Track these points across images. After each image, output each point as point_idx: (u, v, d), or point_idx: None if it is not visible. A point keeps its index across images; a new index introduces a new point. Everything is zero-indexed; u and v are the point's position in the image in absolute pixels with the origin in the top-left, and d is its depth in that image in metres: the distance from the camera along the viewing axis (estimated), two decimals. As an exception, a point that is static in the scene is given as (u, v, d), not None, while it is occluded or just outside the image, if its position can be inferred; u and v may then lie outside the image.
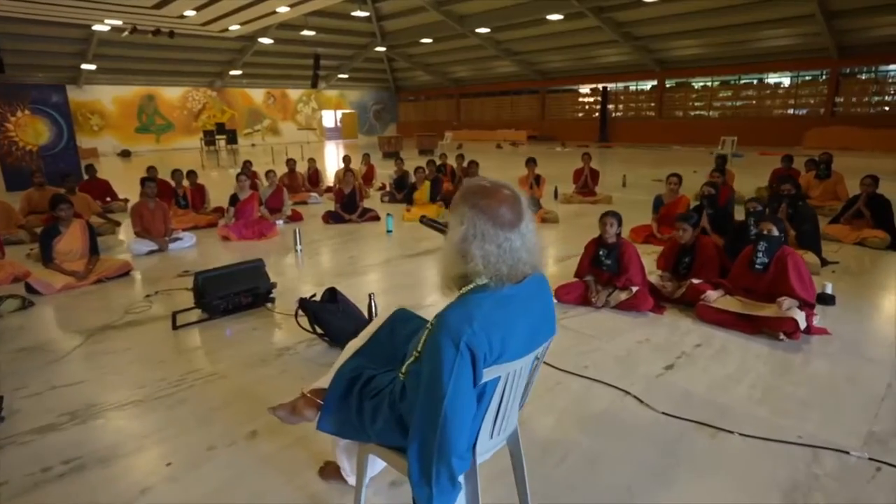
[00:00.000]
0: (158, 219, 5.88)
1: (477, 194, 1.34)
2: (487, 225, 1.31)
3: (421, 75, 31.76)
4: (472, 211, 1.33)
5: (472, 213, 1.32)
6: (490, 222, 1.31)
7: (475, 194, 1.34)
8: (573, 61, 24.96)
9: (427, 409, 1.29)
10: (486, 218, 1.31)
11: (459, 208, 1.35)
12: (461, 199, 1.36)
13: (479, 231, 1.31)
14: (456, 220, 1.35)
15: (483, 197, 1.33)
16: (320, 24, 22.03)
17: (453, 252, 1.38)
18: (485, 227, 1.31)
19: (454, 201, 1.40)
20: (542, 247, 1.41)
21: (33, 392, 2.84)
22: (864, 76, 18.84)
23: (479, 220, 1.32)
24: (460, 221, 1.34)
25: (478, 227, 1.31)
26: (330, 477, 2.10)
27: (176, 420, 2.55)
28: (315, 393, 1.80)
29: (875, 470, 2.13)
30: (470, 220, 1.32)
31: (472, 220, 1.32)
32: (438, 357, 1.27)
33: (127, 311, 4.04)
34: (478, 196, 1.34)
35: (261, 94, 29.18)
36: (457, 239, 1.35)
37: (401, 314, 1.92)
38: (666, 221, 5.86)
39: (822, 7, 15.98)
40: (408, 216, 7.27)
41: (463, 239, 1.33)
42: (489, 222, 1.31)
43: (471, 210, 1.33)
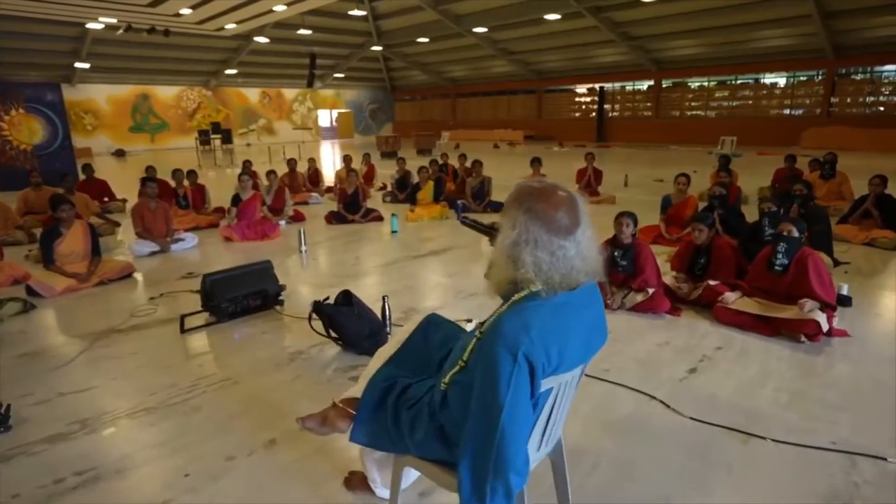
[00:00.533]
0: (160, 219, 5.78)
1: (532, 197, 1.27)
2: (541, 231, 1.24)
3: (417, 75, 31.67)
4: (525, 215, 1.26)
5: (526, 217, 1.25)
6: (544, 228, 1.24)
7: (530, 197, 1.27)
8: (570, 61, 24.97)
9: (482, 423, 1.22)
10: (541, 224, 1.24)
11: (512, 211, 1.28)
12: (515, 202, 1.29)
13: (532, 237, 1.25)
14: (508, 224, 1.29)
15: (538, 200, 1.26)
16: (317, 23, 21.89)
17: (503, 256, 1.32)
18: (538, 234, 1.24)
19: (507, 203, 1.33)
20: (599, 253, 1.33)
21: (40, 399, 2.75)
22: (860, 76, 18.93)
23: (532, 225, 1.25)
24: (512, 225, 1.27)
25: (531, 232, 1.25)
26: (356, 488, 2.02)
27: (191, 428, 2.47)
28: (347, 403, 1.73)
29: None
30: (523, 225, 1.25)
31: (525, 224, 1.25)
32: (494, 368, 1.20)
33: (132, 314, 3.95)
34: (533, 199, 1.27)
35: (256, 94, 29.00)
36: (507, 243, 1.28)
37: (433, 319, 1.85)
38: (674, 222, 5.82)
39: (818, 8, 16.05)
40: (412, 216, 7.20)
41: (514, 244, 1.27)
42: (543, 228, 1.24)
43: (524, 214, 1.26)
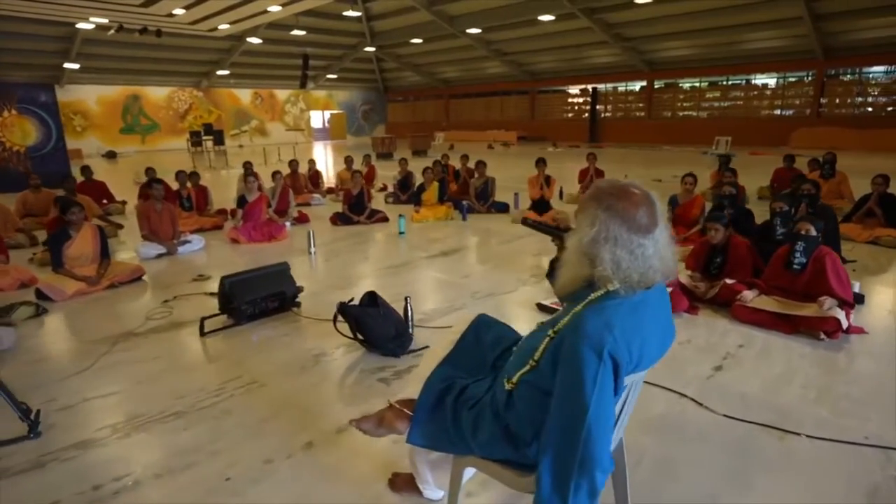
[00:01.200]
0: (166, 221, 5.72)
1: (612, 195, 1.28)
2: (622, 229, 1.25)
3: (410, 76, 31.65)
4: (606, 213, 1.26)
5: (606, 215, 1.26)
6: (624, 226, 1.25)
7: (610, 195, 1.28)
8: (563, 62, 25.08)
9: (566, 421, 1.23)
10: (621, 221, 1.25)
11: (591, 209, 1.29)
12: (594, 200, 1.30)
13: (612, 235, 1.25)
14: (586, 221, 1.29)
15: (618, 199, 1.27)
16: (310, 24, 21.80)
17: (579, 254, 1.32)
18: (618, 231, 1.25)
19: (584, 200, 1.33)
20: (675, 253, 1.34)
21: (65, 405, 2.71)
22: (849, 77, 19.22)
23: (612, 223, 1.25)
24: (591, 223, 1.28)
25: (611, 230, 1.25)
26: (402, 489, 2.02)
27: (224, 432, 2.45)
28: (403, 404, 1.72)
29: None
30: (603, 223, 1.26)
31: (605, 222, 1.26)
32: (579, 367, 1.20)
33: (147, 317, 3.90)
34: (613, 198, 1.27)
35: (248, 95, 28.81)
36: (586, 241, 1.28)
37: (483, 319, 1.86)
38: (681, 221, 5.87)
39: (809, 10, 16.27)
40: (417, 217, 7.19)
41: (593, 241, 1.27)
42: (623, 226, 1.25)
43: (605, 212, 1.26)
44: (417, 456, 1.85)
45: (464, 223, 7.19)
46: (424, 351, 3.23)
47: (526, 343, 1.55)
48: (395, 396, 1.79)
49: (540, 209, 7.09)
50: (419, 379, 2.84)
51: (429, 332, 3.51)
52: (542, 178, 7.14)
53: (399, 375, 2.96)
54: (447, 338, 1.85)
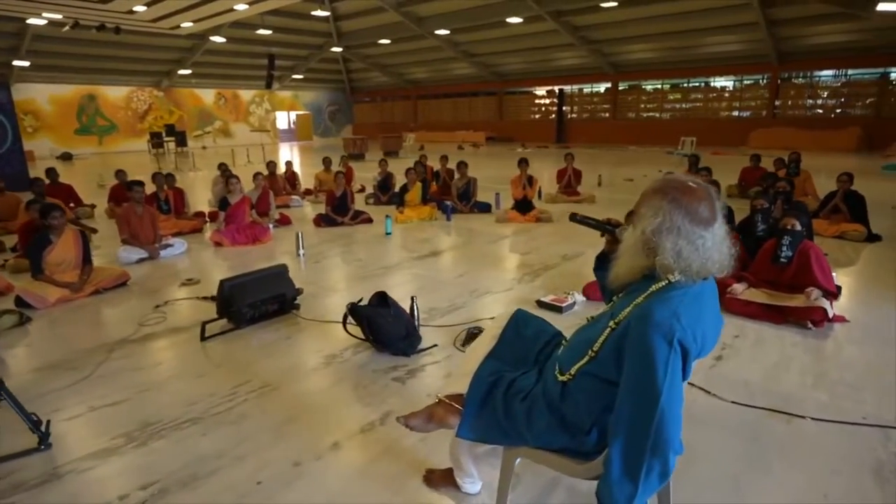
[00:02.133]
0: (147, 225, 5.54)
1: (677, 189, 1.34)
2: (685, 220, 1.31)
3: (377, 76, 31.48)
4: (670, 204, 1.32)
5: (671, 206, 1.32)
6: (688, 218, 1.31)
7: (675, 189, 1.34)
8: (530, 64, 25.43)
9: (638, 407, 1.28)
10: (684, 213, 1.31)
11: (656, 200, 1.34)
12: (658, 192, 1.35)
13: (676, 225, 1.31)
14: (649, 212, 1.35)
15: (682, 192, 1.33)
16: (276, 24, 21.42)
17: (638, 244, 1.38)
18: (681, 222, 1.31)
19: (648, 193, 1.38)
20: (730, 248, 1.38)
21: (72, 415, 2.61)
22: (801, 81, 20.17)
23: (676, 213, 1.31)
24: (654, 213, 1.33)
25: (674, 220, 1.31)
26: (439, 485, 2.04)
27: (245, 436, 2.41)
28: (452, 399, 1.74)
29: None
30: (667, 213, 1.32)
31: (669, 213, 1.32)
32: (651, 355, 1.26)
33: (141, 323, 3.79)
34: (677, 191, 1.34)
35: (211, 95, 28.06)
36: (649, 230, 1.34)
37: (521, 315, 1.90)
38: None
39: (764, 16, 17.00)
40: (401, 218, 7.18)
41: (656, 231, 1.33)
42: (687, 217, 1.31)
43: (669, 203, 1.32)
44: (461, 450, 1.88)
45: (448, 223, 7.22)
46: (434, 349, 3.26)
47: (580, 336, 1.59)
48: (442, 392, 1.80)
49: (523, 209, 7.19)
50: (434, 377, 2.89)
51: (433, 330, 3.53)
52: (524, 178, 7.24)
53: (413, 374, 2.97)
54: (489, 332, 1.88)
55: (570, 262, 5.19)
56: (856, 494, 2.00)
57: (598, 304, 4.00)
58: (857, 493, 2.00)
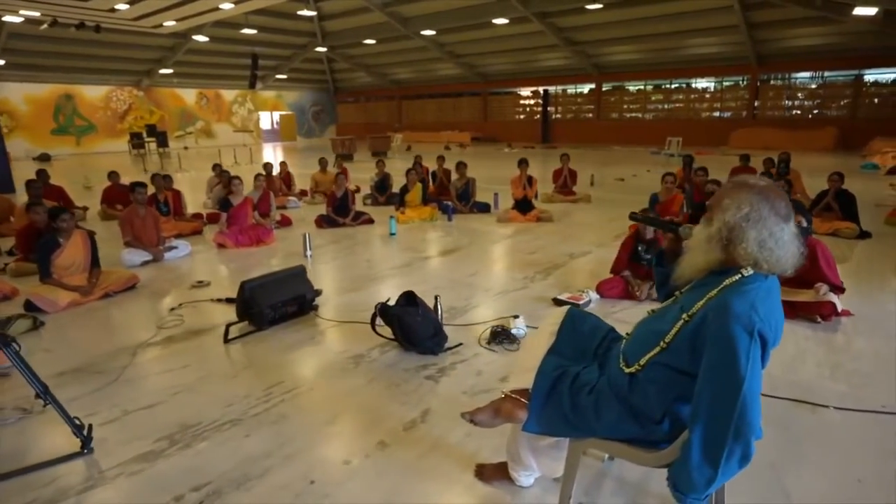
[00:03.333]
0: (150, 227, 5.47)
1: (758, 185, 1.41)
2: (770, 213, 1.38)
3: (361, 76, 31.37)
4: (756, 196, 1.39)
5: (757, 198, 1.38)
6: (773, 211, 1.38)
7: (755, 183, 1.41)
8: (515, 64, 25.62)
9: (721, 394, 1.34)
10: (770, 206, 1.38)
11: (741, 193, 1.40)
12: (743, 186, 1.42)
13: (762, 216, 1.38)
14: (734, 203, 1.40)
15: (765, 187, 1.41)
16: (261, 23, 21.22)
17: (714, 238, 1.44)
18: (766, 213, 1.38)
19: (731, 188, 1.44)
20: (799, 247, 1.44)
21: (108, 419, 2.59)
22: (779, 82, 20.71)
23: (762, 205, 1.38)
24: (740, 205, 1.39)
25: (761, 211, 1.38)
26: (491, 478, 2.08)
27: (290, 436, 2.42)
28: (517, 393, 1.79)
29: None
30: (754, 205, 1.38)
31: (756, 204, 1.38)
32: (732, 346, 1.32)
33: (159, 326, 3.75)
34: (760, 186, 1.41)
35: (192, 95, 27.62)
36: (733, 220, 1.39)
37: (574, 312, 1.95)
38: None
39: (745, 19, 17.42)
40: (402, 218, 7.19)
41: (742, 220, 1.39)
42: (772, 210, 1.38)
43: (756, 195, 1.39)
44: (521, 444, 1.92)
45: (450, 224, 7.26)
46: (459, 348, 3.31)
47: (645, 329, 1.65)
48: (507, 387, 1.84)
49: (524, 209, 7.27)
50: (465, 375, 2.94)
51: (455, 329, 3.56)
52: (524, 178, 7.32)
53: (444, 372, 3.01)
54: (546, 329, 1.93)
55: (577, 261, 5.27)
56: (887, 479, 2.10)
57: (612, 301, 4.09)
58: (889, 479, 2.10)
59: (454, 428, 2.46)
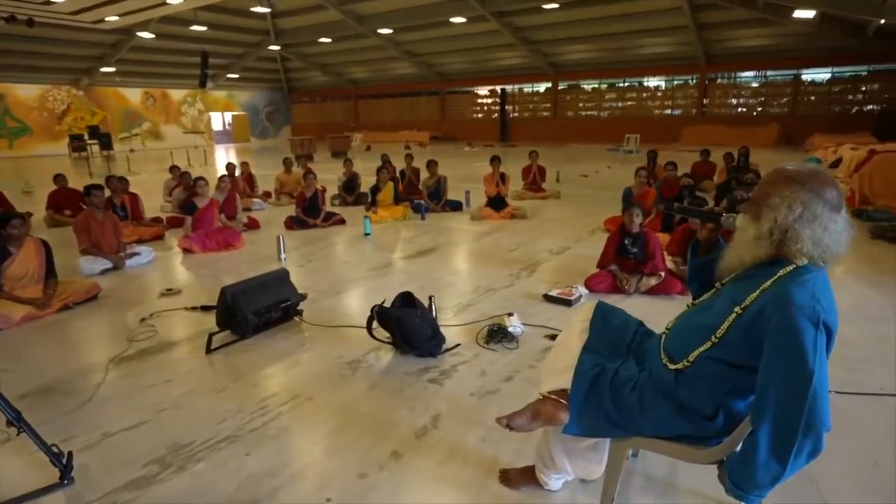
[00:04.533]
0: (109, 232, 5.10)
1: (810, 178, 1.36)
2: (824, 209, 1.33)
3: (317, 76, 30.73)
4: (809, 194, 1.34)
5: (810, 196, 1.34)
6: (826, 206, 1.33)
7: (809, 178, 1.36)
8: (472, 63, 25.69)
9: (790, 389, 1.29)
10: (823, 202, 1.34)
11: (793, 191, 1.35)
12: (794, 182, 1.36)
13: (816, 214, 1.34)
14: (784, 203, 1.35)
15: (817, 181, 1.35)
16: (211, 20, 20.42)
17: (765, 234, 1.39)
18: (820, 210, 1.33)
19: (777, 183, 1.39)
20: (850, 232, 1.39)
21: (88, 443, 2.35)
22: (726, 81, 21.60)
23: (816, 203, 1.34)
24: (791, 204, 1.34)
25: (814, 210, 1.33)
26: (519, 483, 2.00)
27: (294, 452, 2.26)
28: (556, 394, 1.70)
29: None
30: (807, 204, 1.34)
31: (809, 203, 1.34)
32: (799, 337, 1.28)
33: (130, 339, 3.47)
34: (813, 180, 1.35)
35: (138, 94, 26.31)
36: (787, 220, 1.35)
37: (602, 307, 1.88)
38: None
39: (694, 20, 18.06)
40: (375, 218, 7.01)
41: (796, 221, 1.34)
42: (826, 206, 1.33)
43: (808, 193, 1.34)
44: (555, 447, 1.84)
45: (423, 223, 7.15)
46: (458, 348, 3.21)
47: (688, 323, 1.60)
48: (542, 388, 1.75)
49: (497, 206, 7.24)
50: (469, 376, 2.84)
51: (449, 329, 3.46)
52: (497, 176, 7.29)
53: (447, 375, 2.90)
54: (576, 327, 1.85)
55: (558, 257, 5.27)
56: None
57: (601, 296, 4.08)
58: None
59: (468, 432, 2.36)
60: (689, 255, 1.79)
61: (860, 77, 19.45)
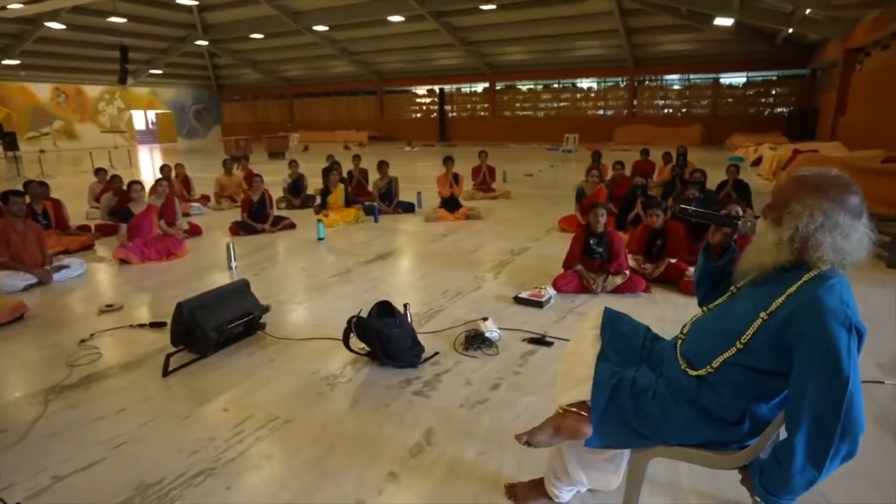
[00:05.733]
0: (32, 244, 4.59)
1: (833, 186, 1.35)
2: (846, 217, 1.33)
3: (248, 73, 29.51)
4: (831, 203, 1.34)
5: (832, 205, 1.34)
6: (849, 214, 1.34)
7: (832, 186, 1.35)
8: (410, 63, 25.56)
9: (826, 395, 1.28)
10: (845, 210, 1.34)
11: (815, 199, 1.34)
12: (817, 190, 1.35)
13: (836, 222, 1.34)
14: (806, 211, 1.34)
15: (840, 189, 1.35)
16: (131, 11, 19.07)
17: (785, 241, 1.39)
18: (843, 219, 1.34)
19: (800, 190, 1.38)
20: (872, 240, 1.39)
21: (35, 489, 2.05)
22: (654, 84, 22.72)
23: (837, 211, 1.34)
24: (813, 213, 1.34)
25: (836, 219, 1.33)
26: (527, 498, 1.92)
27: (281, 482, 2.08)
28: (576, 407, 1.64)
29: (909, 392, 2.67)
30: (829, 213, 1.33)
31: (830, 212, 1.34)
32: (833, 344, 1.28)
33: (69, 363, 3.11)
34: (836, 188, 1.35)
35: (47, 90, 24.18)
36: (809, 229, 1.34)
37: (610, 313, 1.85)
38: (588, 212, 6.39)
39: (623, 24, 18.85)
40: (327, 222, 6.76)
41: (817, 229, 1.34)
42: (848, 214, 1.34)
43: (831, 202, 1.34)
44: (570, 459, 1.77)
45: (376, 225, 6.97)
46: (437, 357, 3.11)
47: (708, 327, 1.59)
48: (560, 401, 1.69)
49: (451, 207, 7.18)
50: (455, 386, 2.75)
51: (424, 337, 3.35)
52: (450, 176, 7.23)
53: (431, 386, 2.80)
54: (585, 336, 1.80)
55: (520, 257, 5.27)
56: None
57: (570, 296, 4.11)
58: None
59: (465, 446, 2.27)
60: (701, 259, 1.78)
61: (771, 81, 21.06)
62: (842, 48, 14.01)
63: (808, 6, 12.57)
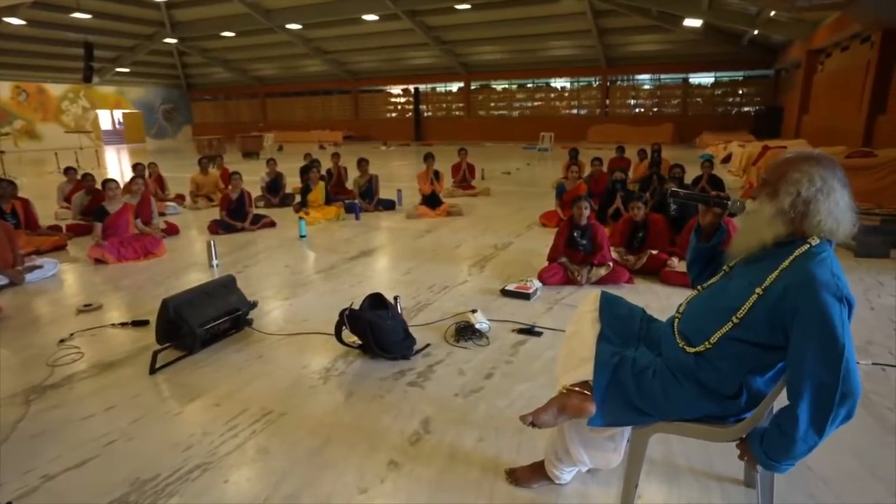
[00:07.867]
0: (2, 243, 4.43)
1: (818, 156, 1.44)
2: (839, 183, 1.41)
3: (219, 72, 28.95)
4: (825, 170, 1.41)
5: (826, 171, 1.41)
6: (840, 182, 1.42)
7: (818, 156, 1.44)
8: (385, 62, 25.47)
9: (825, 363, 1.34)
10: (838, 177, 1.42)
11: (808, 167, 1.41)
12: (809, 159, 1.43)
13: (833, 187, 1.41)
14: (804, 177, 1.41)
15: (826, 159, 1.44)
16: (96, 7, 18.52)
17: (787, 212, 1.45)
18: (834, 184, 1.41)
19: (792, 163, 1.45)
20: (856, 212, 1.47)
21: (24, 489, 1.99)
22: (626, 84, 23.14)
23: (832, 177, 1.41)
24: (810, 179, 1.41)
25: (831, 183, 1.41)
26: (529, 481, 1.96)
27: (281, 474, 2.06)
28: (578, 387, 1.67)
29: (881, 371, 2.79)
30: (824, 178, 1.40)
31: (825, 177, 1.41)
32: (827, 315, 1.34)
33: (50, 363, 3.02)
34: (824, 158, 1.44)
35: (7, 89, 23.30)
36: (806, 194, 1.41)
37: (607, 296, 1.89)
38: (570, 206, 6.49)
39: (596, 25, 19.15)
40: (308, 220, 6.69)
41: (815, 194, 1.41)
42: (840, 181, 1.42)
43: (825, 169, 1.41)
44: (572, 440, 1.81)
45: (358, 222, 6.94)
46: (429, 349, 3.12)
47: (703, 306, 1.63)
48: (562, 382, 1.72)
49: (432, 204, 7.19)
50: (449, 376, 2.78)
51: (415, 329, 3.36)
52: (431, 174, 7.24)
53: (425, 377, 2.81)
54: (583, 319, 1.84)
55: (504, 252, 5.32)
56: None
57: (555, 288, 4.17)
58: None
59: (463, 433, 2.29)
60: (693, 240, 1.83)
61: (738, 81, 21.67)
62: (804, 49, 14.52)
63: (773, 8, 12.99)
